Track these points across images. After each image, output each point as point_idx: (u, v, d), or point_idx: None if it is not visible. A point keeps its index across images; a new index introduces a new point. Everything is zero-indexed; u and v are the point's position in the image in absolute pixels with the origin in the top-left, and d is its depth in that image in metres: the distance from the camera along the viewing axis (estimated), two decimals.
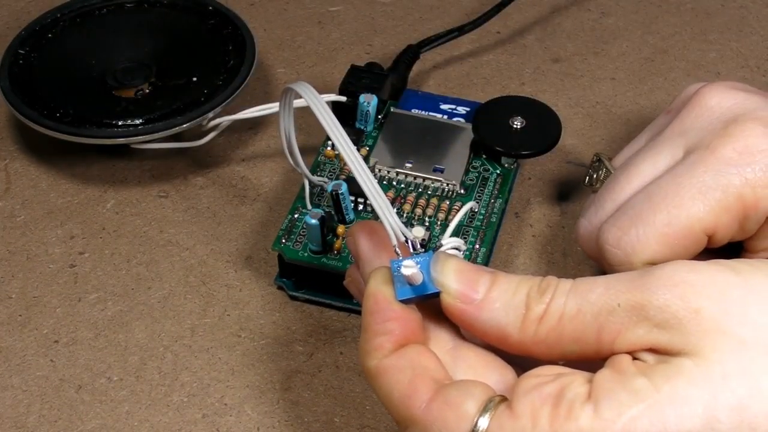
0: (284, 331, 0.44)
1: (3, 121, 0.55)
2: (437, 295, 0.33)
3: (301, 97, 0.36)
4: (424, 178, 0.46)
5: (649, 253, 0.37)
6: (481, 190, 0.46)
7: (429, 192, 0.46)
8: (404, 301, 0.33)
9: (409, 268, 0.33)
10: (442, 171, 0.46)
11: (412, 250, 0.34)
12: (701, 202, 0.37)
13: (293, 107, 0.40)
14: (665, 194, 0.37)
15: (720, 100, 0.39)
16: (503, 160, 0.47)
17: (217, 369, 0.43)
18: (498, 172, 0.47)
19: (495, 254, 0.47)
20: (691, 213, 0.37)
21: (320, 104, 0.35)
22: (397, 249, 0.34)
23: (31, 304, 0.46)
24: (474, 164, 0.47)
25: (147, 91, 0.52)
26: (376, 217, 0.35)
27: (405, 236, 0.34)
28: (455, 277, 0.33)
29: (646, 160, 0.40)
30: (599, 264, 0.40)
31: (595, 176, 0.44)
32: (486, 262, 0.45)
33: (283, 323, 0.45)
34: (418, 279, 0.33)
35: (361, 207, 0.45)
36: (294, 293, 0.45)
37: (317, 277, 0.44)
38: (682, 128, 0.39)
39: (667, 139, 0.40)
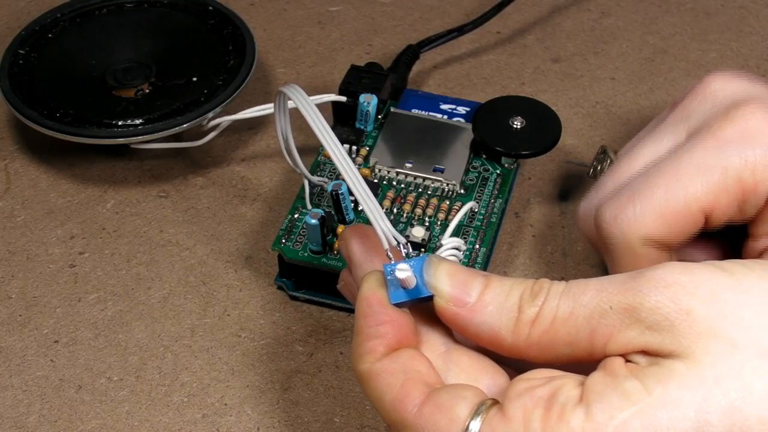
0: (284, 331, 0.44)
1: (3, 121, 0.55)
2: (430, 298, 0.33)
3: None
4: (424, 178, 0.46)
5: (645, 230, 0.37)
6: (481, 190, 0.46)
7: (429, 192, 0.46)
8: (397, 305, 0.33)
9: (403, 271, 0.33)
10: (442, 171, 0.46)
11: (404, 254, 0.34)
12: (699, 181, 0.37)
13: (288, 109, 0.40)
14: (664, 172, 0.37)
15: (723, 85, 0.39)
16: (503, 160, 0.47)
17: (217, 369, 0.43)
18: (498, 172, 0.47)
19: (495, 254, 0.47)
20: (689, 192, 0.37)
21: (310, 107, 0.35)
22: (389, 253, 0.34)
23: (31, 304, 0.46)
24: (474, 164, 0.47)
25: (147, 91, 0.52)
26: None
27: (396, 240, 0.34)
28: (448, 280, 0.33)
29: (647, 145, 0.40)
30: (597, 247, 0.40)
31: (599, 168, 0.44)
32: (486, 262, 0.45)
33: (283, 323, 0.45)
34: (412, 283, 0.33)
35: (360, 206, 0.45)
36: (294, 293, 0.45)
37: (317, 277, 0.44)
38: (686, 113, 0.40)
39: (670, 124, 0.40)
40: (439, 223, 0.45)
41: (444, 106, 0.50)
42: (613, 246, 0.38)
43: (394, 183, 0.46)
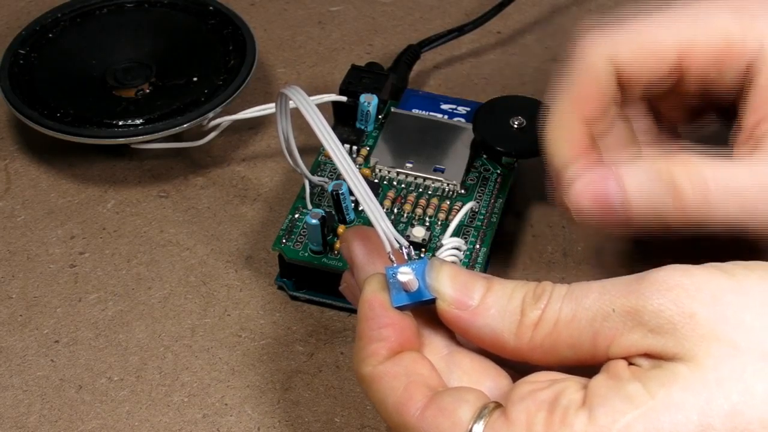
0: (284, 331, 0.44)
1: (3, 121, 0.55)
2: (432, 301, 0.33)
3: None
4: (425, 178, 0.46)
5: (615, 51, 0.38)
6: (482, 190, 0.46)
7: (429, 192, 0.46)
8: (400, 308, 0.33)
9: (405, 274, 0.33)
10: (442, 171, 0.46)
11: (405, 257, 0.34)
12: (686, 22, 0.38)
13: (289, 109, 0.40)
14: (654, 15, 0.39)
15: None
16: (504, 160, 0.47)
17: (217, 369, 0.43)
18: (498, 172, 0.47)
19: (495, 254, 0.47)
20: (672, 28, 0.38)
21: (311, 108, 0.35)
22: (391, 255, 0.34)
23: (32, 304, 0.46)
24: (474, 164, 0.47)
25: (147, 91, 0.52)
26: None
27: (398, 243, 0.34)
28: (450, 283, 0.33)
29: None
30: None
31: None
32: (486, 262, 0.45)
33: (284, 323, 0.45)
34: (414, 286, 0.33)
35: (361, 207, 0.45)
36: (294, 293, 0.45)
37: (317, 277, 0.44)
38: None
39: None
40: (439, 223, 0.45)
41: (444, 106, 0.50)
42: (576, 67, 0.39)
43: (395, 183, 0.46)
